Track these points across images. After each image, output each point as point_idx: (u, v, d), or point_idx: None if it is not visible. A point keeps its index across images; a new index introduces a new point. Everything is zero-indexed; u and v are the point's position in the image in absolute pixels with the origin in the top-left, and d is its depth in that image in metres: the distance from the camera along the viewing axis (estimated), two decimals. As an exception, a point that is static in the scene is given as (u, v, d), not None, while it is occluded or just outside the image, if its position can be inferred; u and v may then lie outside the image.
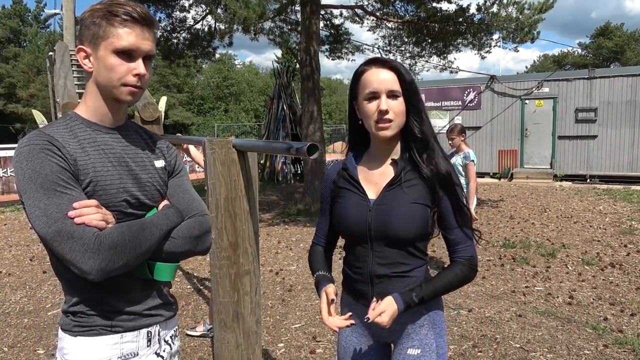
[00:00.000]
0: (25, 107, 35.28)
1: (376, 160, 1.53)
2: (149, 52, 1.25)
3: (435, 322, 1.53)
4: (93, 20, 1.21)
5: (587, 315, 4.12)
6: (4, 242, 7.49)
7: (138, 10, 1.21)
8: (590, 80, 13.69)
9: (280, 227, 8.27)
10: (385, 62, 1.44)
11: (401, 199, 1.43)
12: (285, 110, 14.94)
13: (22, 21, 40.35)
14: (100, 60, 1.22)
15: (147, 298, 1.33)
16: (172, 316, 1.43)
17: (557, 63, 42.47)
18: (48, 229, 1.10)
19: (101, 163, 1.24)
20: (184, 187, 1.42)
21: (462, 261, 1.47)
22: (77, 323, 1.25)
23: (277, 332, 3.95)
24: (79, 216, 1.12)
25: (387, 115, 1.41)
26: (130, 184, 1.28)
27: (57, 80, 5.15)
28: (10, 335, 3.96)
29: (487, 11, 9.95)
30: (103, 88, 1.26)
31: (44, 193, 1.12)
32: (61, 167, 1.15)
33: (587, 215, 8.63)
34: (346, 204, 1.52)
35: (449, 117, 15.50)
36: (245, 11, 7.70)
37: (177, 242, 1.28)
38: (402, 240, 1.44)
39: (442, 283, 1.45)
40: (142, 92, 1.29)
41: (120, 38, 1.20)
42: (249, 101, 44.47)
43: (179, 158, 1.49)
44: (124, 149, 1.31)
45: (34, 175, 1.13)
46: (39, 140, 1.16)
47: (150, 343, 1.34)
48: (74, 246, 1.09)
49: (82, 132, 1.25)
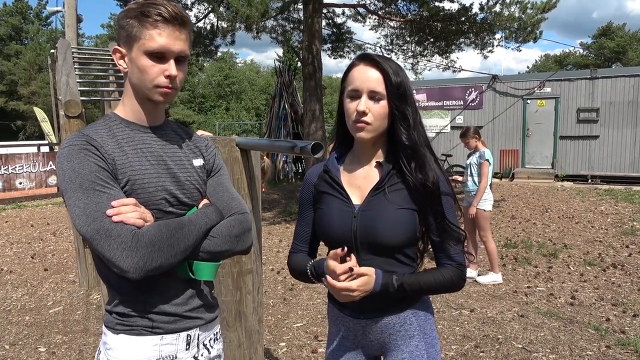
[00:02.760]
0: (26, 104, 35.31)
1: (360, 162, 1.45)
2: (181, 52, 1.24)
3: (426, 331, 1.45)
4: (127, 21, 1.22)
5: (589, 316, 4.10)
6: (5, 240, 7.49)
7: (170, 9, 1.20)
8: (593, 80, 13.66)
9: (281, 226, 8.27)
10: (374, 60, 1.35)
11: (387, 204, 1.36)
12: (287, 108, 14.94)
13: (23, 18, 40.35)
14: (133, 62, 1.23)
15: (188, 299, 1.32)
16: (213, 319, 1.41)
17: (558, 63, 42.37)
18: (87, 227, 1.11)
19: (139, 162, 1.25)
20: (224, 186, 1.41)
21: (449, 266, 1.39)
22: (119, 321, 1.26)
23: (278, 331, 3.94)
24: (117, 214, 1.12)
25: (365, 117, 1.33)
26: (168, 183, 1.28)
27: (59, 77, 5.13)
28: (12, 332, 3.96)
29: (489, 10, 9.93)
30: (137, 88, 1.27)
31: (83, 192, 1.13)
32: (100, 166, 1.17)
33: (589, 215, 8.62)
34: (329, 210, 1.43)
35: (451, 116, 15.48)
36: (247, 9, 7.69)
37: (216, 241, 1.27)
38: (390, 247, 1.37)
39: (427, 279, 1.36)
40: (176, 93, 1.29)
41: (151, 39, 1.20)
42: (250, 99, 44.44)
43: (219, 156, 1.47)
44: (162, 147, 1.31)
45: (74, 175, 1.14)
46: (78, 140, 1.19)
47: (189, 347, 1.33)
48: (112, 244, 1.10)
49: (121, 132, 1.27)
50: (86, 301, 4.69)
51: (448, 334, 3.79)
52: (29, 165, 12.06)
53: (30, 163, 12.11)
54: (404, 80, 1.36)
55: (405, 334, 1.43)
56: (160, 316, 1.27)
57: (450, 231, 1.37)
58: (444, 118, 15.54)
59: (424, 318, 1.46)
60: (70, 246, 6.81)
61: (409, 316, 1.42)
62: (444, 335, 3.75)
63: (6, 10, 39.21)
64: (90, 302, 4.68)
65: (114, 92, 6.33)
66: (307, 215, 1.54)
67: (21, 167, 11.93)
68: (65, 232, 7.85)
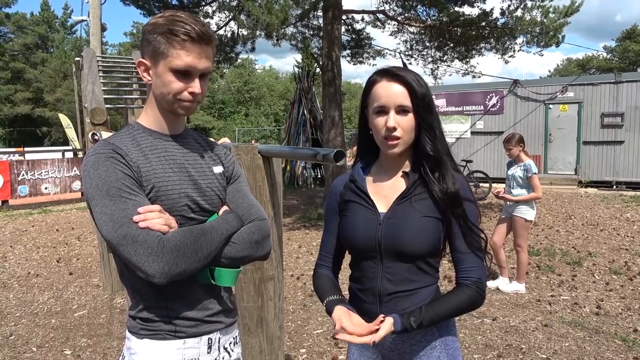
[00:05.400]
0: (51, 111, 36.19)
1: (386, 172, 1.47)
2: (205, 70, 1.28)
3: (448, 342, 1.45)
4: (154, 37, 1.26)
5: (615, 326, 4.01)
6: (32, 244, 7.67)
7: (197, 29, 1.24)
8: (617, 84, 13.38)
9: (300, 232, 8.28)
10: (397, 75, 1.36)
11: (412, 212, 1.37)
12: (306, 114, 14.99)
13: (49, 27, 41.46)
14: (159, 76, 1.28)
15: (209, 304, 1.35)
16: (232, 323, 1.45)
17: (581, 67, 41.67)
18: (114, 233, 1.14)
19: (162, 169, 1.28)
20: (243, 193, 1.45)
21: (468, 283, 1.38)
22: (143, 327, 1.30)
23: (298, 337, 3.94)
24: (143, 220, 1.15)
25: (395, 132, 1.35)
26: (190, 189, 1.31)
27: (84, 85, 5.25)
28: (39, 335, 4.05)
29: (511, 15, 9.81)
30: (160, 101, 1.32)
31: (110, 199, 1.17)
32: (125, 174, 1.20)
33: (614, 222, 8.43)
34: (354, 217, 1.45)
35: (471, 121, 15.33)
36: (268, 17, 7.75)
37: (237, 247, 1.30)
38: (414, 255, 1.37)
39: (445, 308, 1.35)
40: (197, 106, 1.34)
41: (178, 58, 1.24)
42: (269, 105, 44.77)
43: (237, 164, 1.51)
44: (184, 155, 1.35)
45: (100, 182, 1.18)
46: (104, 149, 1.23)
47: (210, 350, 1.36)
48: (138, 250, 1.13)
49: (144, 140, 1.31)
50: (110, 305, 4.77)
51: (470, 343, 3.74)
52: (54, 171, 12.34)
53: (56, 169, 12.39)
54: (427, 91, 1.38)
55: (427, 344, 1.43)
56: (183, 321, 1.30)
57: (471, 235, 1.38)
58: (464, 123, 15.40)
59: (446, 329, 1.45)
60: (94, 250, 6.94)
61: (430, 326, 1.41)
62: (465, 344, 3.71)
63: (33, 20, 40.33)
64: (113, 306, 4.75)
65: (137, 100, 6.45)
66: (333, 225, 1.55)
67: (47, 172, 12.21)
68: (89, 237, 8.00)
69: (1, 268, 6.23)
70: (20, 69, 37.85)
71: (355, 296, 1.49)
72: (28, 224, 9.41)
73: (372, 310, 1.42)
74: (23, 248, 7.38)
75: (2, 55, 37.60)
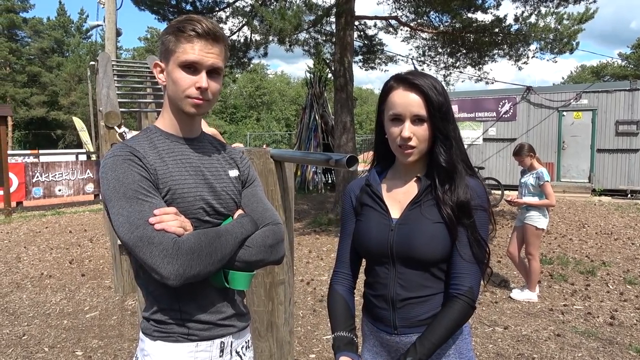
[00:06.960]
0: (66, 114, 36.72)
1: (401, 177, 1.47)
2: (212, 65, 1.29)
3: (462, 350, 1.42)
4: (166, 37, 1.30)
5: (630, 337, 3.95)
6: (45, 245, 7.76)
7: (204, 25, 1.26)
8: (632, 92, 13.22)
9: (311, 237, 8.28)
10: (414, 84, 1.34)
11: (423, 218, 1.36)
12: (317, 119, 15.01)
13: (65, 32, 42.12)
14: (169, 74, 1.30)
15: (222, 308, 1.35)
16: (245, 327, 1.45)
17: (595, 74, 41.29)
18: (130, 234, 1.15)
19: (179, 172, 1.30)
20: (258, 197, 1.45)
21: (457, 294, 1.34)
22: (156, 328, 1.30)
23: (308, 342, 3.94)
24: (159, 222, 1.16)
25: (410, 142, 1.35)
26: (206, 193, 1.32)
27: (99, 89, 5.32)
28: (51, 336, 4.09)
29: (524, 21, 9.76)
30: (172, 100, 1.33)
31: (126, 201, 1.18)
32: (142, 176, 1.22)
33: (629, 232, 8.30)
34: (367, 222, 1.45)
35: (483, 128, 15.24)
36: (281, 23, 7.80)
37: (251, 251, 1.31)
38: (426, 261, 1.36)
39: (439, 334, 1.32)
40: (209, 105, 1.33)
41: (184, 52, 1.26)
42: (280, 110, 44.97)
43: (252, 168, 1.52)
44: (200, 158, 1.36)
45: (118, 184, 1.20)
46: (122, 151, 1.24)
47: (222, 353, 1.36)
48: (153, 251, 1.14)
49: (161, 144, 1.32)
50: (121, 307, 4.81)
51: (481, 352, 3.71)
52: (67, 173, 12.49)
53: (69, 171, 12.54)
54: (445, 99, 1.36)
55: (441, 352, 1.40)
56: (196, 324, 1.31)
57: (477, 246, 1.36)
58: (476, 130, 15.31)
59: (460, 337, 1.43)
60: (106, 252, 7.00)
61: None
62: (477, 353, 3.67)
63: (50, 24, 41.02)
64: (125, 308, 4.79)
65: (151, 104, 6.51)
66: (349, 227, 1.54)
67: (60, 174, 12.36)
68: (101, 239, 8.07)
69: (15, 269, 6.31)
70: (36, 72, 38.50)
71: (369, 302, 1.48)
72: (42, 226, 9.52)
73: (386, 316, 1.41)
74: (37, 249, 7.47)
75: (19, 59, 38.25)
